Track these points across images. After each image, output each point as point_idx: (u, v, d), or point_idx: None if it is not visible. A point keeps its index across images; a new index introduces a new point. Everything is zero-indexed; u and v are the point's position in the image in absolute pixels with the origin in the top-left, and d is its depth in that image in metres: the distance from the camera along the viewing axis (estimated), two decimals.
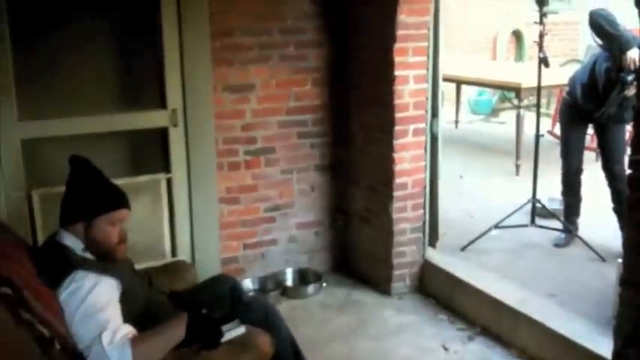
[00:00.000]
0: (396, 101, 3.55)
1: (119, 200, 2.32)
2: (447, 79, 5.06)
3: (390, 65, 3.52)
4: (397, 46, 3.50)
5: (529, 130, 5.73)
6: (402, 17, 3.46)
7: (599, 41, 3.68)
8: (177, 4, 3.41)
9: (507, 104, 8.86)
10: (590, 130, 4.30)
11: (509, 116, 8.47)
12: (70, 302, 2.05)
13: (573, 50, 9.42)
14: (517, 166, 5.62)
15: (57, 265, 2.14)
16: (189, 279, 2.88)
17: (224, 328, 2.20)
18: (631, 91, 3.37)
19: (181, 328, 2.11)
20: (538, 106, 4.19)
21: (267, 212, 3.88)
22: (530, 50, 9.06)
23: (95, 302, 2.06)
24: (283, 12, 3.72)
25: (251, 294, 3.57)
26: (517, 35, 9.06)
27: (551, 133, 6.88)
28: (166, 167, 3.56)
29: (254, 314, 2.44)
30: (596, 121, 3.85)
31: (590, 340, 2.89)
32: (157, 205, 3.54)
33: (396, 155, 3.60)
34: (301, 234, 4.00)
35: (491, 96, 8.85)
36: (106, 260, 2.22)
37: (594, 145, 4.75)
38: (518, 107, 5.66)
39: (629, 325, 2.28)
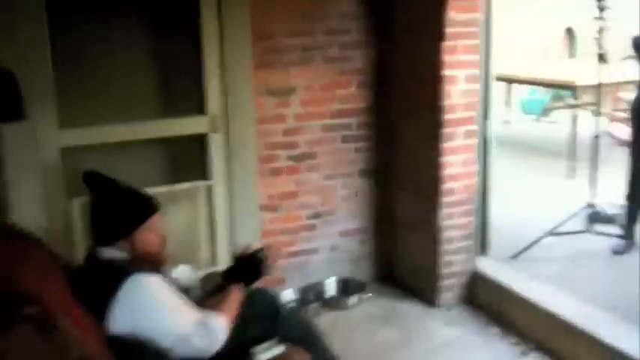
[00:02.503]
0: (445, 102, 3.39)
1: (149, 206, 2.28)
2: (499, 79, 4.86)
3: (438, 64, 3.36)
4: (446, 44, 3.33)
5: (581, 130, 5.49)
6: (452, 14, 3.30)
7: None
8: (217, 8, 3.33)
9: (560, 103, 8.55)
10: None
11: (560, 116, 8.17)
12: (139, 305, 2.01)
13: (626, 47, 9.03)
14: (572, 168, 5.36)
15: (106, 278, 2.07)
16: None
17: (262, 346, 2.10)
18: None
19: (240, 292, 2.30)
20: (598, 105, 3.95)
21: (309, 219, 3.76)
22: (584, 46, 8.74)
23: (168, 297, 2.08)
24: (327, 12, 3.60)
25: (290, 307, 3.45)
26: (570, 32, 8.73)
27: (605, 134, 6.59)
28: (206, 175, 3.48)
29: (292, 331, 2.34)
30: None
31: None
32: (196, 213, 3.46)
33: (444, 159, 3.44)
34: (344, 242, 3.86)
35: (544, 95, 8.55)
36: (153, 267, 2.18)
37: None
38: (574, 106, 5.38)
39: None
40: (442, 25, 3.31)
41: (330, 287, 3.76)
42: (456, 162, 3.48)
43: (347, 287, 3.76)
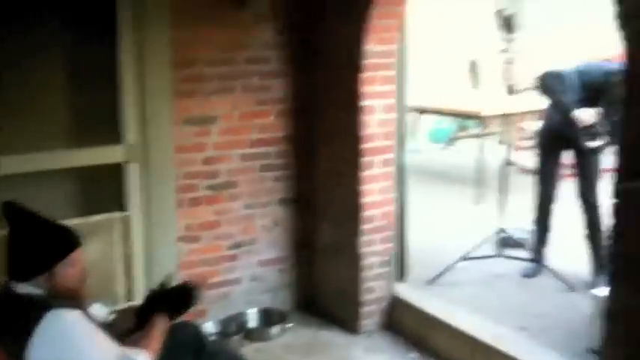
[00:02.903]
0: (364, 132, 3.46)
1: (71, 240, 2.18)
2: (410, 109, 5.00)
3: (357, 95, 3.44)
4: (365, 75, 3.42)
5: (487, 158, 5.75)
6: (370, 46, 3.39)
7: None
8: (137, 34, 3.26)
9: (464, 132, 8.95)
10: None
11: (464, 145, 8.54)
12: (59, 341, 1.93)
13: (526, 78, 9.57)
14: (479, 195, 5.59)
15: (23, 314, 1.96)
16: None
17: None
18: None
19: (163, 324, 2.28)
20: (507, 133, 4.16)
21: (230, 250, 3.71)
22: (486, 77, 9.20)
23: (89, 333, 2.01)
24: (248, 41, 3.62)
25: (213, 339, 3.37)
26: (473, 64, 9.15)
27: (511, 161, 6.92)
28: (122, 206, 3.37)
29: None
30: (575, 148, 3.82)
31: None
32: (112, 245, 3.34)
33: (364, 188, 3.50)
34: (264, 271, 3.84)
35: (450, 124, 8.90)
36: (73, 303, 2.09)
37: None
38: (478, 136, 5.63)
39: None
40: (361, 56, 3.40)
41: (252, 318, 3.72)
42: (375, 190, 3.55)
43: (268, 318, 3.73)
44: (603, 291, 3.13)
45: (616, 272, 2.28)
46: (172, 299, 2.38)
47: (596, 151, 3.69)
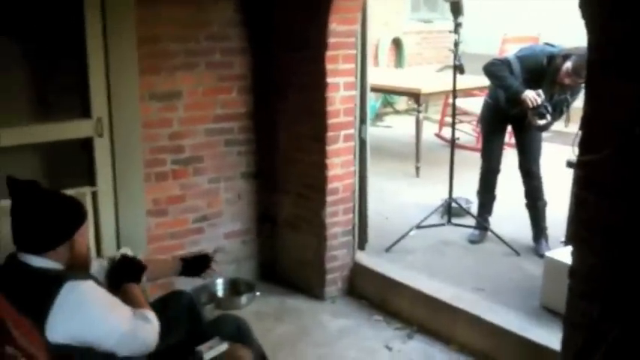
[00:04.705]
0: (328, 108, 3.61)
1: (82, 208, 2.27)
2: None
3: (321, 73, 3.57)
4: (329, 53, 3.55)
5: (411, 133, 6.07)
6: (334, 26, 3.52)
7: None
8: (101, 10, 3.24)
9: (389, 109, 9.26)
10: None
11: (393, 121, 8.86)
12: (79, 312, 1.98)
13: (447, 57, 9.99)
14: (417, 168, 5.87)
15: (40, 288, 2.00)
16: None
17: (207, 345, 2.15)
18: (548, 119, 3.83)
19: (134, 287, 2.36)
20: (454, 110, 4.41)
21: (196, 223, 3.78)
22: (410, 58, 9.53)
23: (105, 299, 2.08)
24: (209, 18, 3.66)
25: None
26: (397, 43, 9.44)
27: (438, 135, 7.28)
28: (91, 180, 3.36)
29: (226, 329, 2.39)
30: (517, 123, 4.11)
31: (524, 329, 3.12)
32: None
33: (328, 161, 3.66)
34: (229, 243, 3.94)
35: (374, 101, 9.16)
36: (84, 271, 2.18)
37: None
38: (418, 112, 5.90)
39: (578, 314, 2.48)
40: (326, 35, 3.53)
41: (220, 288, 3.82)
42: (338, 163, 3.71)
43: (236, 287, 3.85)
44: (548, 253, 3.48)
45: (576, 236, 2.54)
46: (191, 264, 2.60)
47: (541, 129, 4.00)
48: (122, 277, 2.38)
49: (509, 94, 3.92)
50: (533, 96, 3.75)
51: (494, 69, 3.95)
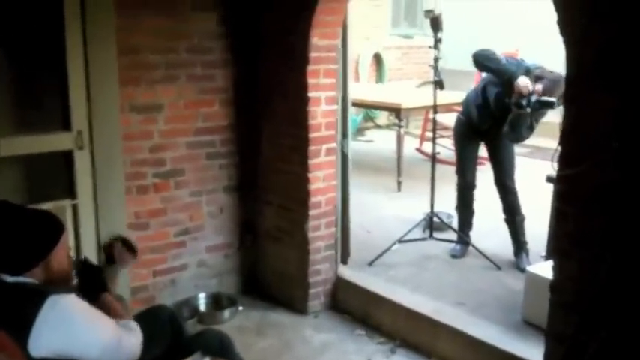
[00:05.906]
0: (310, 122, 3.61)
1: (58, 223, 2.18)
2: None
3: (303, 87, 3.57)
4: (310, 68, 3.56)
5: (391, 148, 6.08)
6: (315, 40, 3.54)
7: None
8: (82, 21, 3.23)
9: (370, 124, 9.30)
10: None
11: (374, 135, 8.89)
12: (63, 326, 1.94)
13: (426, 72, 10.07)
14: (399, 183, 5.89)
15: (20, 304, 1.94)
16: None
17: (190, 359, 2.13)
18: (526, 111, 3.74)
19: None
20: (434, 125, 4.44)
21: (178, 237, 3.76)
22: (390, 73, 9.59)
23: (88, 311, 2.04)
24: (190, 30, 3.65)
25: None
26: (377, 58, 9.51)
27: (419, 150, 7.32)
28: (72, 193, 3.33)
29: (208, 344, 2.37)
30: (490, 139, 4.15)
31: (506, 342, 3.12)
32: None
33: (310, 175, 3.65)
34: (211, 257, 3.91)
35: (355, 116, 9.19)
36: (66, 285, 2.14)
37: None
38: (399, 127, 5.94)
39: (560, 327, 2.50)
40: (307, 49, 3.54)
41: (202, 302, 3.79)
42: (320, 177, 3.71)
43: (218, 302, 3.82)
44: (529, 268, 3.50)
45: (559, 249, 2.57)
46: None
47: (512, 140, 4.02)
48: (91, 286, 2.36)
49: (503, 77, 3.82)
50: (525, 84, 3.73)
51: (488, 52, 3.89)
